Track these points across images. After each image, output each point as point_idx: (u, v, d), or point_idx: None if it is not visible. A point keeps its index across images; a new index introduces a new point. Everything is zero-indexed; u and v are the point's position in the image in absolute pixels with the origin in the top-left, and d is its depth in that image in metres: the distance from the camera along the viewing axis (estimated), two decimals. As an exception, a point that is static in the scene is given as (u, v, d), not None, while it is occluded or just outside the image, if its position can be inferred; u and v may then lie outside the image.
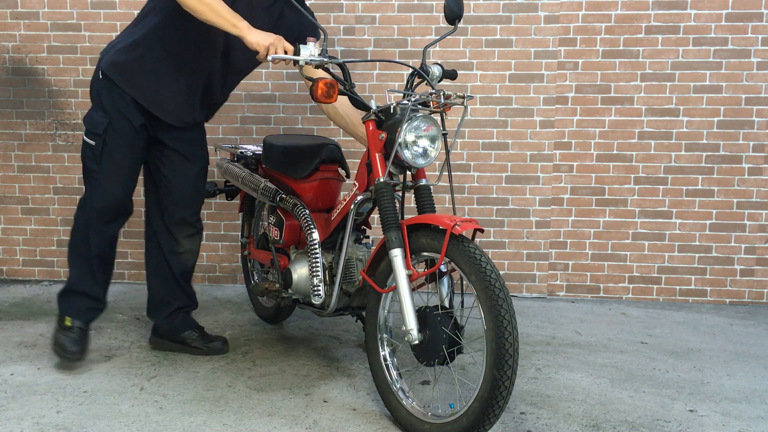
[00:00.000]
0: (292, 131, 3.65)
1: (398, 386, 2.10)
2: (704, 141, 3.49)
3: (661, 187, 3.52)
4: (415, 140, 2.06)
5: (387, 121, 2.13)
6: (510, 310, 1.80)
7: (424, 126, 2.06)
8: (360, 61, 2.29)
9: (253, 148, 2.98)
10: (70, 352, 2.45)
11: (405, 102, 2.09)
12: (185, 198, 2.60)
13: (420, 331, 1.95)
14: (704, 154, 3.49)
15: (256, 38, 2.10)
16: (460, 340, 1.92)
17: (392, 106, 2.12)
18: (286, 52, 2.11)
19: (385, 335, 2.15)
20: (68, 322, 2.51)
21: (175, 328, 2.68)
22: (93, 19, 3.61)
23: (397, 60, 2.52)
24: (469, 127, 3.57)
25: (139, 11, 2.51)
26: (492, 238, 3.62)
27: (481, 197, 3.61)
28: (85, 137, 2.46)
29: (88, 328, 2.56)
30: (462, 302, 2.00)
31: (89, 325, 2.58)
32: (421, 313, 1.98)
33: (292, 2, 2.15)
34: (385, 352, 2.14)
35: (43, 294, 3.54)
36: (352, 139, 3.60)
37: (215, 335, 2.74)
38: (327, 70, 2.18)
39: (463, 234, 1.90)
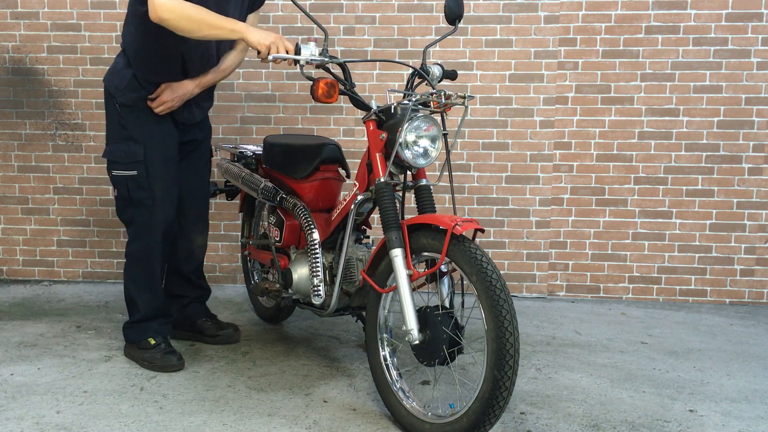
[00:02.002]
0: (292, 131, 3.65)
1: (398, 386, 2.10)
2: (704, 141, 3.49)
3: (661, 187, 3.53)
4: (416, 140, 2.06)
5: (388, 121, 2.13)
6: (511, 310, 1.80)
7: (425, 126, 2.06)
8: (361, 61, 2.30)
9: (253, 148, 2.98)
10: (173, 364, 2.46)
11: (405, 102, 2.09)
12: (200, 191, 2.69)
13: (420, 331, 1.95)
14: (704, 154, 3.49)
15: (257, 37, 2.11)
16: (461, 340, 1.92)
17: (393, 106, 2.12)
18: (287, 52, 2.11)
19: (385, 335, 2.15)
20: (152, 341, 2.52)
21: (187, 316, 2.76)
22: (93, 19, 3.61)
23: (397, 60, 2.52)
24: (469, 127, 3.57)
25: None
26: (492, 238, 3.62)
27: (481, 197, 3.61)
28: (117, 172, 2.42)
29: (168, 339, 2.58)
30: (462, 302, 2.00)
31: (167, 337, 2.60)
32: (422, 313, 1.98)
33: (295, 2, 2.16)
34: (385, 352, 2.14)
35: (43, 294, 3.54)
36: (352, 139, 3.61)
37: (227, 323, 2.81)
38: (327, 69, 2.19)
39: (464, 234, 1.90)
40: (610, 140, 3.53)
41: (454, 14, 2.24)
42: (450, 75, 2.37)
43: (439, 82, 2.35)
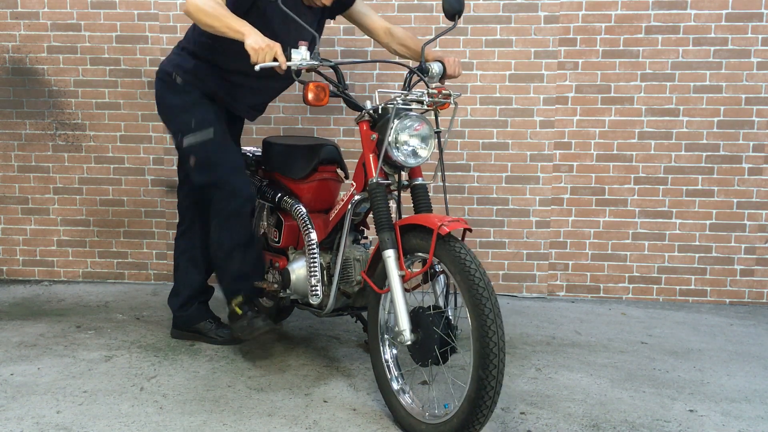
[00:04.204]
0: (292, 131, 3.65)
1: (399, 386, 2.10)
2: (704, 141, 3.49)
3: (661, 187, 3.52)
4: (406, 140, 2.06)
5: (379, 121, 2.13)
6: (494, 309, 1.78)
7: (416, 125, 2.06)
8: (352, 62, 2.29)
9: (253, 149, 2.98)
10: (260, 327, 2.47)
11: (392, 101, 2.09)
12: None
13: (413, 331, 1.95)
14: (704, 154, 3.49)
15: (250, 42, 2.10)
16: (452, 340, 1.92)
17: (382, 106, 2.12)
18: (277, 59, 2.09)
19: (386, 335, 2.15)
20: (238, 310, 2.53)
21: (191, 317, 2.78)
22: (93, 19, 3.61)
23: (394, 60, 2.52)
24: (469, 127, 3.57)
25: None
26: (492, 238, 3.62)
27: (481, 197, 3.60)
28: (191, 139, 2.47)
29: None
30: (455, 302, 1.99)
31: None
32: (415, 314, 1.97)
33: (280, 5, 2.14)
34: (386, 352, 2.14)
35: (43, 294, 3.54)
36: (351, 139, 3.61)
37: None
38: (319, 72, 2.19)
39: (452, 234, 1.89)
40: (610, 140, 3.52)
41: (453, 9, 2.23)
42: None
43: (440, 79, 2.35)
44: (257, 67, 2.07)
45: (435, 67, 2.33)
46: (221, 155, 2.48)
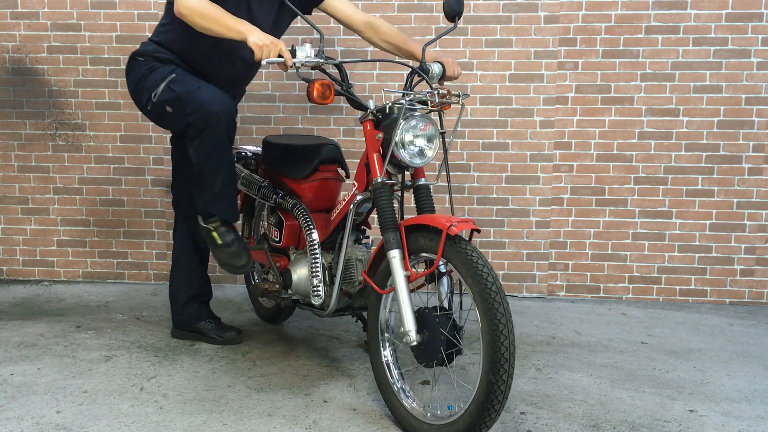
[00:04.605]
0: (292, 131, 3.65)
1: (399, 386, 2.10)
2: (704, 141, 3.49)
3: (661, 187, 3.52)
4: (412, 140, 2.06)
5: (384, 120, 2.13)
6: (506, 313, 1.78)
7: (421, 125, 2.06)
8: (357, 61, 2.30)
9: (253, 149, 2.98)
10: (242, 257, 2.47)
11: (401, 101, 2.09)
12: None
13: (418, 332, 1.95)
14: (704, 154, 3.49)
15: (253, 39, 2.11)
16: (459, 342, 1.91)
17: (389, 106, 2.12)
18: (282, 56, 2.10)
19: (386, 335, 2.15)
20: (219, 241, 2.47)
21: (190, 317, 2.78)
22: (93, 19, 3.61)
23: (396, 60, 2.52)
24: (469, 127, 3.57)
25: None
26: (492, 238, 3.62)
27: (481, 197, 3.61)
28: (159, 91, 2.42)
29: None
30: (461, 303, 1.99)
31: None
32: (420, 314, 1.97)
33: (287, 2, 2.16)
34: (386, 352, 2.14)
35: (43, 294, 3.54)
36: (352, 139, 3.61)
37: (230, 325, 2.84)
38: (323, 71, 2.19)
39: (460, 234, 1.89)
40: (610, 140, 3.52)
41: (453, 11, 2.23)
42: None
43: (440, 80, 2.35)
44: (264, 62, 2.09)
45: (435, 68, 2.33)
46: (187, 85, 2.40)
